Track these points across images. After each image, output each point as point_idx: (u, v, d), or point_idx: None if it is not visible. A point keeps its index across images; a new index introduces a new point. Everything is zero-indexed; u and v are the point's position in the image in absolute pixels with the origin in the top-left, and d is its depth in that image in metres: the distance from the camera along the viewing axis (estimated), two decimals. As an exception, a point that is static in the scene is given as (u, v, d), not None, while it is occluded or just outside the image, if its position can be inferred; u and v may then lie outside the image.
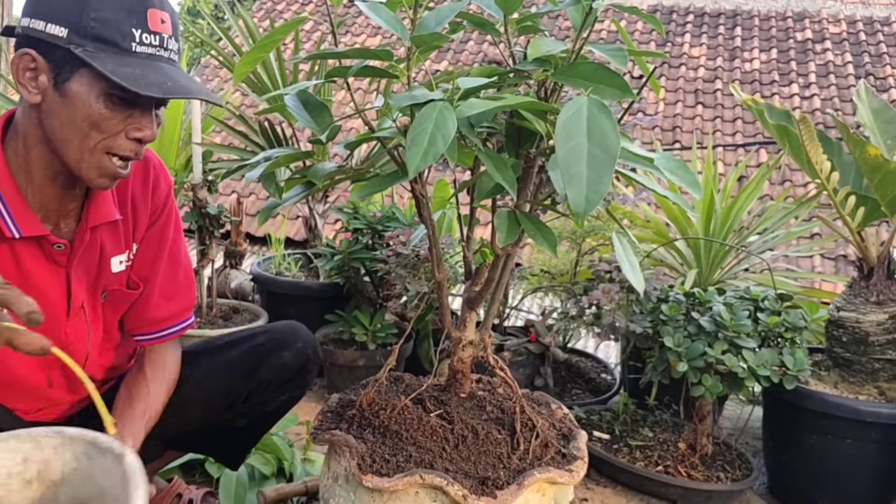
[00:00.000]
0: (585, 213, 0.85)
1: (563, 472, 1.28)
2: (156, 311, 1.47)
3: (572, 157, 0.88)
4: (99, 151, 1.16)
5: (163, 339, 1.49)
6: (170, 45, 1.16)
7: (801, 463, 2.07)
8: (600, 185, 0.87)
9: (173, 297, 1.48)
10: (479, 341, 1.41)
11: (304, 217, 3.06)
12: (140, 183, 1.41)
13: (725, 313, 1.85)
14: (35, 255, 1.26)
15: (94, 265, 1.35)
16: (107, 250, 1.36)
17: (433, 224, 1.31)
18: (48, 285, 1.29)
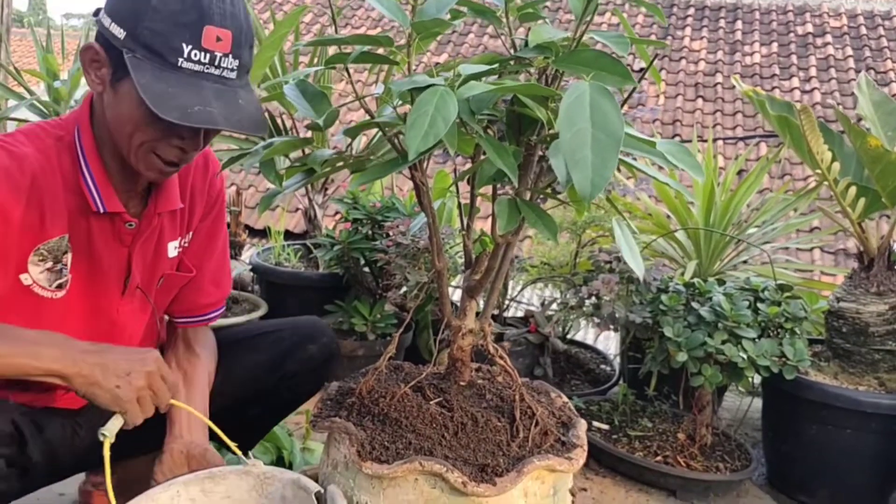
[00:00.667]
0: (591, 197, 0.85)
1: (562, 459, 1.28)
2: (206, 297, 1.54)
3: (576, 142, 0.87)
4: (144, 150, 1.19)
5: (207, 321, 1.56)
6: (224, 63, 1.14)
7: (801, 453, 2.07)
8: (605, 170, 0.86)
9: (220, 283, 1.56)
10: (478, 330, 1.41)
11: (304, 209, 3.06)
12: (200, 175, 1.46)
13: (725, 303, 1.85)
14: (105, 231, 1.30)
15: (152, 249, 1.40)
16: (165, 236, 1.41)
17: (433, 212, 1.31)
18: (110, 262, 1.33)
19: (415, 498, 1.23)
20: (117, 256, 1.34)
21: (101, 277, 1.32)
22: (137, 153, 1.19)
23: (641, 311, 2.01)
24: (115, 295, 1.37)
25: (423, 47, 1.23)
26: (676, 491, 2.07)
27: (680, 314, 1.95)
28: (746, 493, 2.13)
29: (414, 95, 1.05)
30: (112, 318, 1.38)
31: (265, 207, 1.19)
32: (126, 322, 1.41)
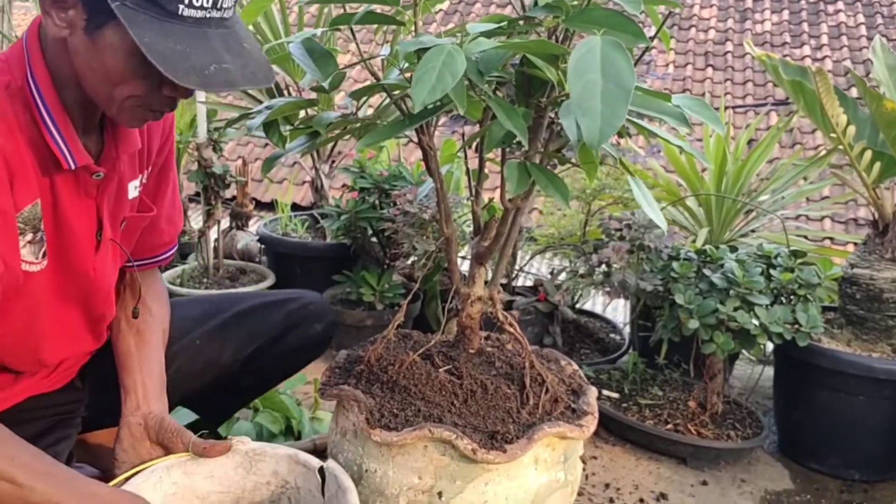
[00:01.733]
0: (599, 145, 0.83)
1: (573, 426, 1.26)
2: (161, 235, 1.46)
3: (586, 93, 0.85)
4: (131, 103, 1.07)
5: (161, 262, 1.50)
6: (224, 2, 1.01)
7: (813, 421, 2.06)
8: (614, 119, 0.84)
9: (174, 220, 1.48)
10: (487, 297, 1.39)
11: (311, 179, 3.03)
12: None
13: (738, 270, 1.82)
14: (69, 187, 1.17)
15: (114, 195, 1.28)
16: (125, 177, 1.30)
17: (441, 177, 1.29)
18: (80, 219, 1.21)
19: (424, 465, 1.22)
20: (87, 211, 1.22)
21: (73, 238, 1.20)
22: (122, 106, 1.07)
23: (652, 279, 1.98)
24: (89, 253, 1.25)
25: (430, 7, 1.20)
26: (687, 458, 2.06)
27: (691, 281, 1.93)
28: (757, 461, 2.12)
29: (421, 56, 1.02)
30: (89, 276, 1.26)
31: (268, 169, 1.16)
32: (101, 278, 1.30)
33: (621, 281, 1.96)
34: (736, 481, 2.01)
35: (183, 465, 1.27)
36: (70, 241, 1.21)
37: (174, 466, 1.26)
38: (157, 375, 1.36)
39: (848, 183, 2.08)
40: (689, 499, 1.91)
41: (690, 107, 1.05)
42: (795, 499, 1.95)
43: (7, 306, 1.16)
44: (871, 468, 2.03)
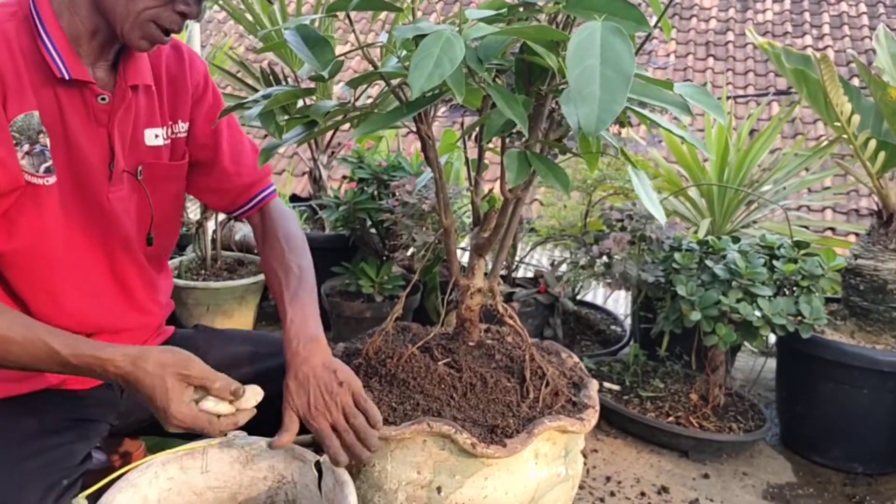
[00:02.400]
0: (596, 132, 0.81)
1: (573, 420, 1.25)
2: (236, 178, 1.49)
3: (584, 79, 0.83)
4: (144, 18, 1.14)
5: (260, 204, 1.53)
6: None
7: (815, 413, 2.04)
8: (613, 105, 0.82)
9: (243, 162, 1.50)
10: (487, 289, 1.37)
11: (310, 170, 3.01)
12: (175, 61, 1.40)
13: (740, 261, 1.80)
14: (78, 108, 1.23)
15: (129, 133, 1.32)
16: (141, 119, 1.34)
17: (440, 167, 1.27)
18: (91, 145, 1.25)
19: (423, 459, 1.21)
20: (98, 138, 1.26)
21: (84, 163, 1.25)
22: (136, 21, 1.15)
23: (654, 270, 1.97)
24: (102, 182, 1.28)
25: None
26: (689, 451, 2.05)
27: (693, 272, 1.91)
28: (760, 454, 2.11)
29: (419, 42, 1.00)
30: (104, 207, 1.30)
31: (265, 159, 1.14)
32: (118, 215, 1.33)
33: (622, 272, 1.94)
34: (738, 474, 2.00)
35: (179, 459, 1.25)
36: (81, 164, 1.25)
37: (170, 462, 1.24)
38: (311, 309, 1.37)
39: (851, 172, 2.06)
40: (690, 492, 1.89)
41: (692, 95, 1.03)
42: (798, 492, 1.94)
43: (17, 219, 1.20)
44: (874, 461, 2.02)
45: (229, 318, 2.70)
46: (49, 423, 1.26)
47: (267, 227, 1.52)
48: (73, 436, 1.27)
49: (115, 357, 1.12)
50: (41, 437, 1.22)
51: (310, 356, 1.26)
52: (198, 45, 2.83)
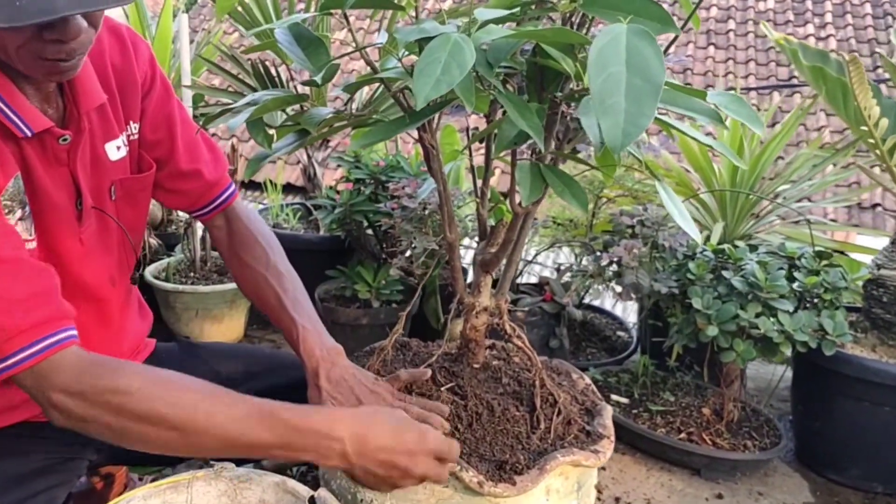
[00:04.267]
0: (621, 148, 0.73)
1: (588, 453, 1.17)
2: (201, 179, 1.37)
3: (608, 88, 0.74)
4: (26, 56, 0.98)
5: (231, 198, 1.42)
6: None
7: (834, 430, 1.96)
8: (641, 118, 0.74)
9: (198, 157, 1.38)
10: (494, 308, 1.29)
11: (303, 165, 2.91)
12: (118, 52, 1.26)
13: (759, 272, 1.72)
14: (39, 154, 1.12)
15: (89, 159, 1.20)
16: (98, 138, 1.22)
17: (444, 179, 1.18)
18: (56, 188, 1.15)
19: (425, 497, 1.12)
20: (61, 178, 1.15)
21: (53, 209, 1.14)
22: (22, 60, 0.99)
23: (667, 281, 1.88)
24: (72, 225, 1.18)
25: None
26: (701, 470, 1.97)
27: (709, 284, 1.83)
28: (774, 472, 2.03)
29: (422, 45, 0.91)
30: (76, 250, 1.19)
31: (252, 171, 1.06)
32: (96, 252, 1.24)
33: (634, 283, 1.85)
34: (753, 494, 1.92)
35: (162, 493, 1.17)
36: (51, 211, 1.15)
37: (152, 496, 1.16)
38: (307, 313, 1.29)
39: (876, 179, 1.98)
40: (704, 514, 1.82)
41: (726, 104, 0.94)
42: (816, 514, 1.86)
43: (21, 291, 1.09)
44: (894, 481, 1.94)
45: (219, 322, 2.61)
46: (31, 464, 1.19)
47: (238, 230, 1.41)
48: (54, 479, 1.19)
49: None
50: (23, 483, 1.15)
51: (337, 360, 1.22)
52: (185, 32, 2.72)
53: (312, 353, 1.21)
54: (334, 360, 1.21)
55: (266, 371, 1.45)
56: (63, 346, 0.99)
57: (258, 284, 1.34)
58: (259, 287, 1.34)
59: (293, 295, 1.31)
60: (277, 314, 1.30)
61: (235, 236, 1.40)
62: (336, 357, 1.22)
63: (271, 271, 1.34)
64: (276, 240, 1.42)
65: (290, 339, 1.26)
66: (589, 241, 2.09)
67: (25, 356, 0.96)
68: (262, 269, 1.34)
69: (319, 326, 1.28)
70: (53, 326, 0.99)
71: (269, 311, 1.33)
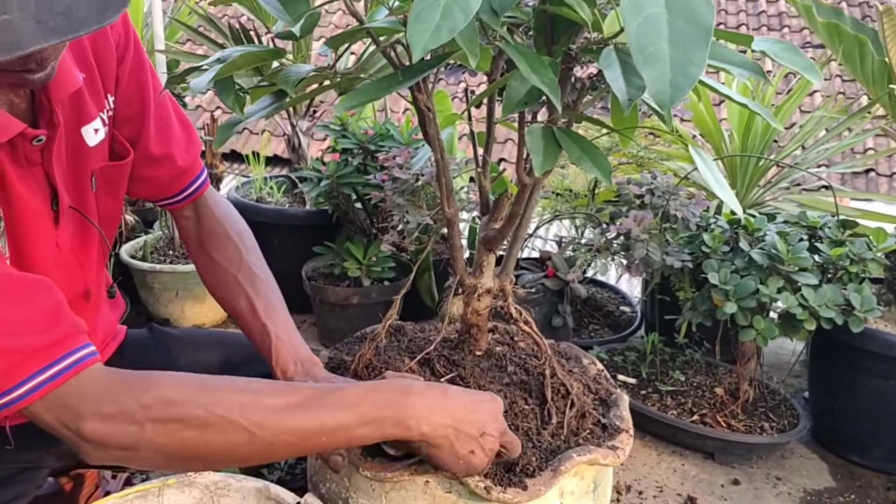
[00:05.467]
0: (672, 103, 0.62)
1: (606, 451, 1.06)
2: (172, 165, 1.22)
3: (647, 32, 0.62)
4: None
5: (203, 187, 1.28)
6: None
7: (856, 409, 1.87)
8: (690, 67, 0.62)
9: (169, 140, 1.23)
10: (497, 289, 1.17)
11: (287, 136, 2.77)
12: None
13: (781, 244, 1.60)
14: (10, 159, 0.98)
15: (65, 151, 1.06)
16: (73, 123, 1.07)
17: (442, 146, 1.05)
18: (30, 192, 1.02)
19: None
20: (34, 181, 1.02)
21: (27, 215, 1.01)
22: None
23: (680, 254, 1.76)
24: (48, 227, 1.05)
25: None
26: (715, 453, 1.88)
27: (725, 256, 1.71)
28: (792, 454, 1.94)
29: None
30: (54, 255, 1.07)
31: (223, 140, 0.93)
32: (74, 254, 1.11)
33: (644, 257, 1.74)
34: (770, 479, 1.82)
35: (129, 503, 1.06)
36: (24, 217, 1.01)
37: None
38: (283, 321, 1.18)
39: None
40: (720, 502, 1.72)
41: (777, 53, 0.81)
42: (839, 499, 1.77)
43: None
44: (920, 462, 1.85)
45: (201, 303, 2.49)
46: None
47: (208, 224, 1.28)
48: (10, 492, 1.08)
49: None
50: None
51: (313, 373, 1.11)
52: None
53: (287, 367, 1.10)
54: (310, 373, 1.10)
55: (246, 360, 1.33)
56: (86, 365, 0.87)
57: (228, 286, 1.22)
58: (229, 289, 1.22)
59: (266, 299, 1.19)
60: (248, 321, 1.18)
61: (205, 230, 1.27)
62: (312, 370, 1.11)
63: (244, 272, 1.21)
64: (251, 234, 1.30)
65: (262, 350, 1.15)
66: (594, 213, 1.97)
67: (41, 381, 0.83)
68: (233, 269, 1.22)
69: (295, 335, 1.16)
70: (71, 344, 0.87)
71: (238, 316, 1.20)
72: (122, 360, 1.36)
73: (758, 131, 2.31)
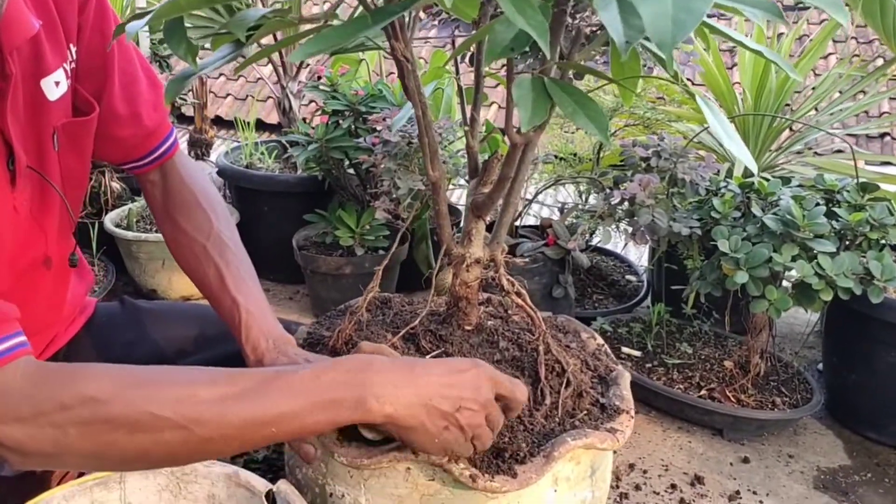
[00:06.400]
0: (674, 43, 0.53)
1: (604, 434, 0.98)
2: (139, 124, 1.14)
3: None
4: None
5: (172, 150, 1.20)
6: None
7: (873, 383, 1.79)
8: (694, 2, 0.53)
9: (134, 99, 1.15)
10: (488, 259, 1.09)
11: (276, 99, 2.68)
12: None
13: (796, 209, 1.51)
14: None
15: (21, 103, 0.97)
16: (31, 75, 0.98)
17: (423, 101, 0.96)
18: None
19: (407, 492, 0.95)
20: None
21: None
22: None
23: (688, 220, 1.67)
24: (3, 190, 0.97)
25: None
26: (723, 430, 1.81)
27: (736, 223, 1.62)
28: (804, 429, 1.86)
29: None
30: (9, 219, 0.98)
31: (173, 94, 0.84)
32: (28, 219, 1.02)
33: (650, 223, 1.65)
34: (782, 457, 1.75)
35: (88, 491, 1.00)
36: None
37: (76, 495, 0.99)
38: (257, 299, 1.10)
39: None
40: (729, 482, 1.65)
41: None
42: (855, 478, 1.69)
43: None
44: (940, 439, 1.78)
45: (188, 274, 2.41)
46: None
47: (176, 189, 1.19)
48: None
49: None
50: None
51: (286, 351, 1.03)
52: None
53: (257, 345, 1.02)
54: (282, 352, 1.02)
55: (222, 335, 1.25)
56: (12, 358, 0.78)
57: (196, 256, 1.14)
58: (197, 259, 1.14)
59: (236, 271, 1.10)
60: (216, 294, 1.10)
61: (172, 196, 1.19)
62: (284, 348, 1.03)
63: (213, 241, 1.13)
64: (222, 201, 1.22)
65: (231, 326, 1.07)
66: (597, 178, 1.88)
67: None
68: (201, 238, 1.14)
69: (267, 311, 1.08)
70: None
71: (206, 289, 1.12)
72: (90, 335, 1.29)
73: (771, 90, 2.21)
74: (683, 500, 1.58)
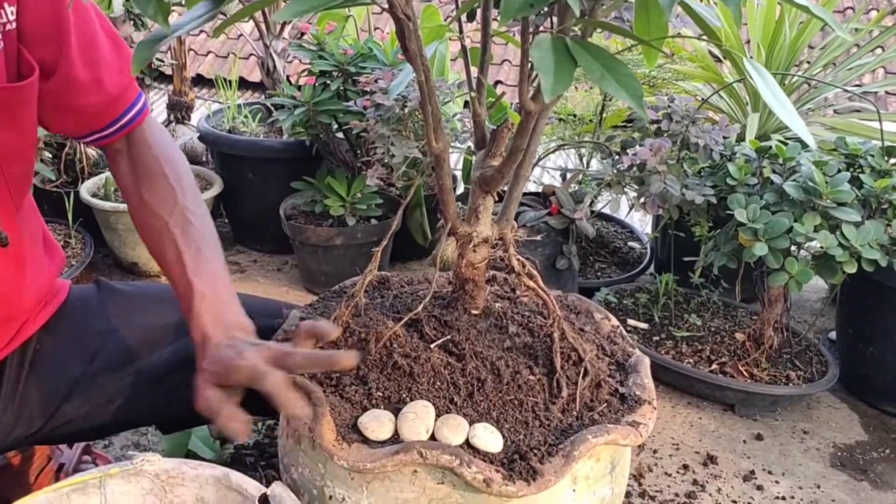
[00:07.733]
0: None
1: (626, 429, 0.91)
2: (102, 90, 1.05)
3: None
4: None
5: (140, 117, 1.11)
6: None
7: (891, 356, 1.73)
8: None
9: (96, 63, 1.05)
10: (496, 238, 1.01)
11: (260, 59, 2.56)
12: None
13: (818, 175, 1.44)
14: None
15: None
16: None
17: (426, 65, 0.87)
18: None
19: (414, 497, 0.88)
20: None
21: None
22: None
23: (701, 187, 1.60)
24: None
25: None
26: (735, 405, 1.75)
27: (753, 190, 1.55)
28: (818, 404, 1.81)
29: None
30: None
31: (140, 62, 0.74)
32: None
33: (661, 191, 1.57)
34: (797, 433, 1.70)
35: (65, 498, 0.92)
36: None
37: (53, 501, 0.91)
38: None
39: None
40: (743, 461, 1.60)
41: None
42: (873, 454, 1.65)
43: None
44: (959, 412, 1.73)
45: (171, 245, 2.32)
46: None
47: (141, 158, 1.10)
48: None
49: None
50: None
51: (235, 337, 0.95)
52: None
53: (206, 331, 0.94)
54: (232, 338, 0.94)
55: None
56: None
57: (157, 232, 1.05)
58: (158, 235, 1.05)
59: (197, 250, 1.02)
60: (174, 273, 1.02)
61: (137, 166, 1.09)
62: (236, 334, 0.95)
63: (176, 217, 1.04)
64: (190, 174, 1.12)
65: (184, 309, 0.99)
66: (603, 142, 1.79)
67: None
68: (164, 212, 1.05)
69: (226, 295, 1.00)
70: None
71: (164, 269, 1.05)
72: (64, 321, 1.21)
73: (784, 46, 2.12)
74: (696, 482, 1.53)
